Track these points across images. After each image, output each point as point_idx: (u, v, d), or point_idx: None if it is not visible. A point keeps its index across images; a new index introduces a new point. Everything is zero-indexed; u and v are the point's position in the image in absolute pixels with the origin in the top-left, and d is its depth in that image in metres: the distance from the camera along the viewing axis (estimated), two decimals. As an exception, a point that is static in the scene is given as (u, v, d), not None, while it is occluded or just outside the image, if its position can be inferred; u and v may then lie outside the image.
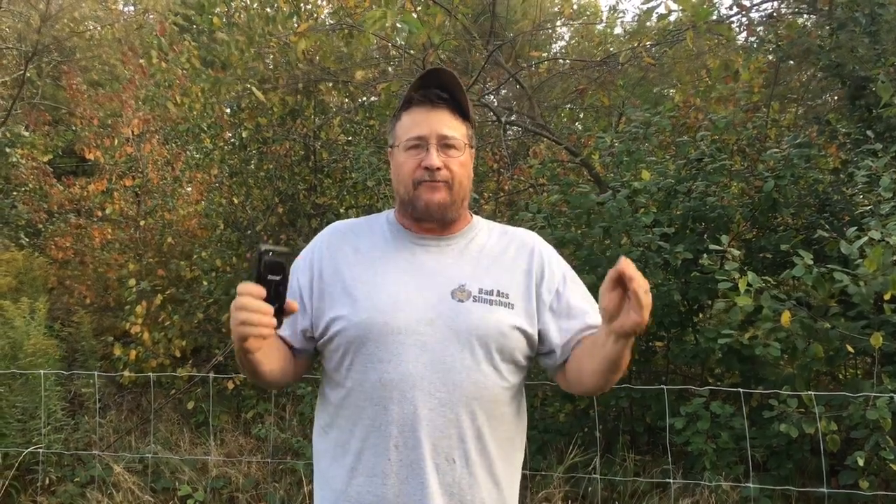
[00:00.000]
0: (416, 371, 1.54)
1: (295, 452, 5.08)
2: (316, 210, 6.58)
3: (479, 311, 1.59)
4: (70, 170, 11.03)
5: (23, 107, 11.43)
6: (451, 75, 1.68)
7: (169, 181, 7.54)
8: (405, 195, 1.67)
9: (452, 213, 1.68)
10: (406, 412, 1.54)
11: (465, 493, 1.56)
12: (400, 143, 1.68)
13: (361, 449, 1.57)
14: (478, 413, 1.57)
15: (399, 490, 1.54)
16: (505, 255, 1.71)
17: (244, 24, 6.00)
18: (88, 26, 12.36)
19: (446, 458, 1.55)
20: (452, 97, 1.69)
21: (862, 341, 3.64)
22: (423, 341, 1.55)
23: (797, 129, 5.86)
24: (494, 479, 1.60)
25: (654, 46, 6.01)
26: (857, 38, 5.03)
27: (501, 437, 1.62)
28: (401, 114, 1.71)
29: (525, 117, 5.99)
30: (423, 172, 1.63)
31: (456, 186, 1.66)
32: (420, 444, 1.54)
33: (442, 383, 1.55)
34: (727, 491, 3.93)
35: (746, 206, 4.84)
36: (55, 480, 4.81)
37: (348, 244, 1.71)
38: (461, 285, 1.62)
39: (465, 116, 1.70)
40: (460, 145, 1.67)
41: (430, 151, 1.63)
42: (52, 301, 7.22)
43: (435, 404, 1.54)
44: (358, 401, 1.58)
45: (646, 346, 5.03)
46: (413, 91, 1.69)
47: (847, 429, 3.71)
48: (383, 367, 1.55)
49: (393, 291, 1.60)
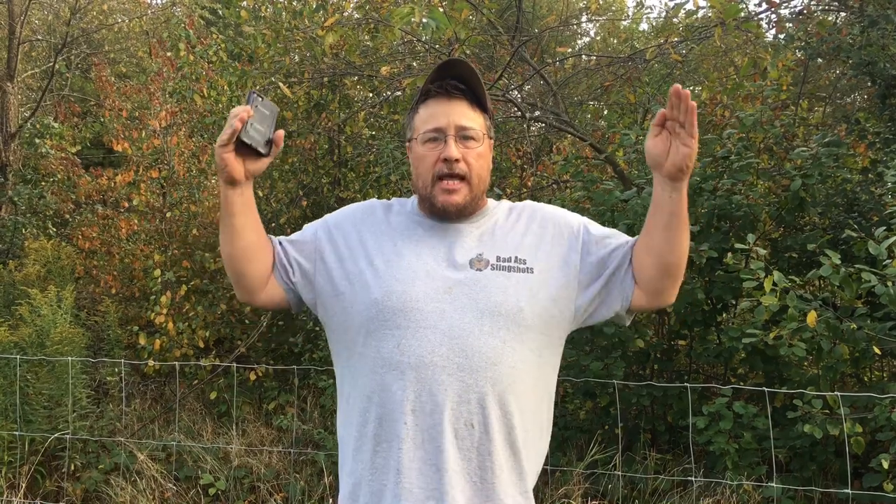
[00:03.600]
0: (435, 338, 1.55)
1: (316, 444, 5.11)
2: (339, 204, 6.60)
3: (497, 280, 1.60)
4: (98, 161, 11.17)
5: (52, 98, 11.60)
6: (467, 66, 1.67)
7: (195, 173, 7.59)
8: (423, 191, 1.67)
9: (471, 209, 1.69)
10: (424, 377, 1.55)
11: (484, 459, 1.56)
12: (418, 136, 1.68)
13: (381, 415, 1.58)
14: (498, 380, 1.57)
15: (415, 455, 1.55)
16: (517, 226, 1.71)
17: (271, 17, 6.04)
18: (117, 19, 12.49)
19: (465, 423, 1.55)
20: (470, 88, 1.68)
21: (889, 343, 3.60)
22: (442, 309, 1.56)
23: (826, 127, 5.79)
24: (514, 447, 1.59)
25: (680, 43, 5.96)
26: (888, 35, 4.96)
27: (525, 406, 1.61)
28: (418, 106, 1.71)
29: (549, 113, 5.97)
30: (443, 165, 1.63)
31: (475, 180, 1.66)
32: (438, 408, 1.54)
33: (461, 349, 1.55)
34: (749, 491, 3.90)
35: (773, 204, 4.80)
36: (80, 467, 4.89)
37: (379, 215, 1.74)
38: (479, 254, 1.63)
39: (482, 108, 1.70)
40: (479, 136, 1.66)
41: (448, 143, 1.63)
42: (79, 290, 7.32)
43: (454, 369, 1.55)
44: (377, 367, 1.59)
45: (668, 345, 5.00)
46: (430, 83, 1.69)
47: (872, 431, 3.67)
48: (401, 333, 1.56)
49: (412, 261, 1.62)
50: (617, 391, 4.36)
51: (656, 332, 4.94)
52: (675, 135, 1.51)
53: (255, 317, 6.33)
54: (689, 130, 1.49)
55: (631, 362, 4.77)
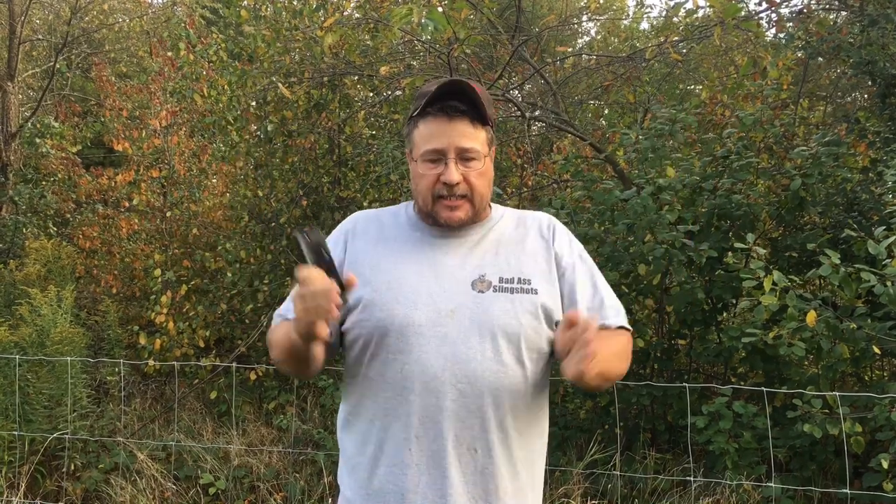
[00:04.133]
0: (438, 363, 1.54)
1: (316, 444, 5.11)
2: (339, 203, 6.61)
3: (500, 302, 1.59)
4: (98, 160, 11.16)
5: (52, 98, 11.60)
6: (465, 84, 1.62)
7: (195, 173, 7.60)
8: (424, 207, 1.66)
9: (473, 222, 1.68)
10: (428, 403, 1.55)
11: (488, 482, 1.56)
12: (417, 156, 1.64)
13: (383, 439, 1.58)
14: (500, 404, 1.57)
15: (419, 480, 1.55)
16: (524, 241, 1.69)
17: (271, 16, 6.04)
18: (117, 18, 12.49)
19: (468, 448, 1.55)
20: (470, 102, 1.63)
21: (889, 342, 3.59)
22: (445, 333, 1.55)
23: (826, 126, 5.78)
24: (515, 469, 1.60)
25: (680, 42, 5.96)
26: (888, 35, 4.95)
27: (524, 427, 1.61)
28: (418, 121, 1.65)
29: (549, 113, 5.97)
30: (443, 187, 1.61)
31: (476, 199, 1.64)
32: (442, 434, 1.54)
33: (464, 374, 1.54)
34: (748, 490, 3.90)
35: (773, 204, 4.80)
36: (80, 466, 4.89)
37: (372, 233, 1.72)
38: (481, 276, 1.61)
39: (484, 121, 1.65)
40: (480, 156, 1.63)
41: (448, 166, 1.60)
42: (79, 290, 7.32)
43: (457, 395, 1.54)
44: (380, 391, 1.59)
45: (668, 345, 5.00)
46: (428, 105, 1.63)
47: (872, 430, 3.67)
48: (404, 358, 1.56)
49: (414, 283, 1.60)
50: (617, 391, 4.36)
51: (656, 332, 4.94)
52: (575, 349, 1.37)
53: (256, 317, 6.33)
54: (582, 355, 1.35)
55: (631, 362, 4.77)
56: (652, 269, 4.50)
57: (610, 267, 4.58)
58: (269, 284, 6.34)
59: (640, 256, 4.53)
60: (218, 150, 7.14)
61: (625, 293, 4.80)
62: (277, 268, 6.49)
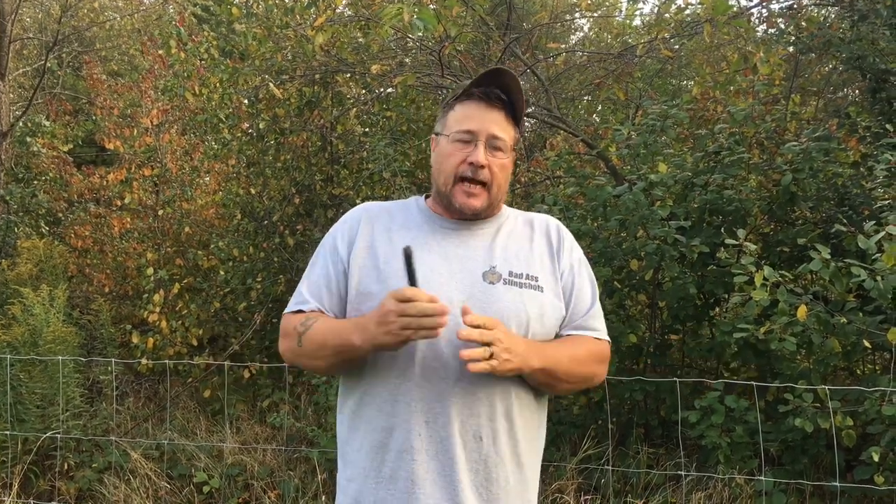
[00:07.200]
0: (448, 351, 1.56)
1: (309, 441, 5.11)
2: (332, 201, 6.60)
3: (509, 295, 1.62)
4: (90, 159, 11.12)
5: (43, 96, 11.54)
6: (514, 79, 1.68)
7: (187, 171, 7.58)
8: (443, 187, 1.68)
9: (486, 214, 1.71)
10: (437, 389, 1.57)
11: (491, 471, 1.59)
12: (450, 133, 1.68)
13: (392, 426, 1.59)
14: (507, 394, 1.60)
15: (429, 467, 1.56)
16: (532, 241, 1.73)
17: (262, 14, 6.02)
18: (108, 17, 12.44)
19: (474, 435, 1.57)
20: (511, 100, 1.70)
21: (879, 336, 3.61)
22: (455, 322, 1.56)
23: (817, 122, 5.79)
24: (518, 459, 1.62)
25: (672, 38, 5.96)
26: (878, 30, 4.97)
27: (527, 418, 1.65)
28: (455, 104, 1.71)
29: (542, 109, 5.97)
30: (468, 168, 1.65)
31: (494, 189, 1.68)
32: (450, 421, 1.56)
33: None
34: (741, 484, 3.92)
35: (764, 199, 4.81)
36: (73, 466, 4.88)
37: (381, 223, 1.73)
38: (492, 268, 1.65)
39: (516, 122, 1.72)
40: (507, 148, 1.68)
41: (478, 147, 1.65)
42: (72, 289, 7.30)
43: (465, 383, 1.57)
44: (389, 378, 1.60)
45: (661, 340, 5.01)
46: (474, 86, 1.70)
47: (863, 424, 3.69)
48: (414, 345, 1.57)
49: (426, 273, 1.61)
50: (610, 386, 4.37)
51: (649, 327, 4.95)
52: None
53: (249, 315, 6.33)
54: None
55: (624, 357, 4.78)
56: (644, 265, 4.52)
57: (603, 263, 4.60)
58: (262, 282, 6.33)
59: (632, 252, 4.55)
60: (210, 148, 7.13)
61: (617, 289, 4.82)
62: (270, 266, 6.47)
